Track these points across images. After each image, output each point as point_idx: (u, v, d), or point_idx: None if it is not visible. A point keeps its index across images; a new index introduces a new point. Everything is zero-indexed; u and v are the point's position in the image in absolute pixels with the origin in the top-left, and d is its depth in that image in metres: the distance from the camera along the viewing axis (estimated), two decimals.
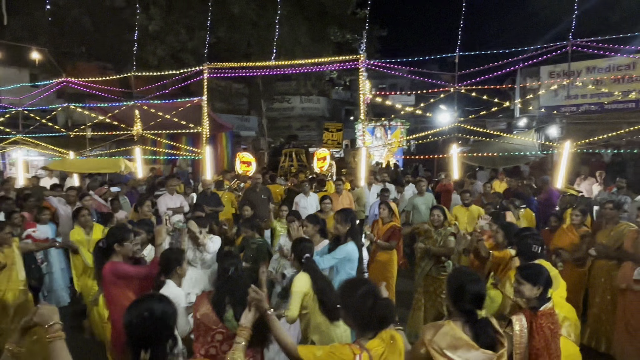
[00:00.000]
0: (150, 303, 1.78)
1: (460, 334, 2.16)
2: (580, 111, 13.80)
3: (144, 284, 3.54)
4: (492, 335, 2.22)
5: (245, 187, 9.38)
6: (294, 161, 15.59)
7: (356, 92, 13.00)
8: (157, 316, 1.72)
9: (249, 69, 11.72)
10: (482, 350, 2.13)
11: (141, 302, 1.80)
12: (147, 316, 1.70)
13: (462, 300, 2.25)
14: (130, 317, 1.72)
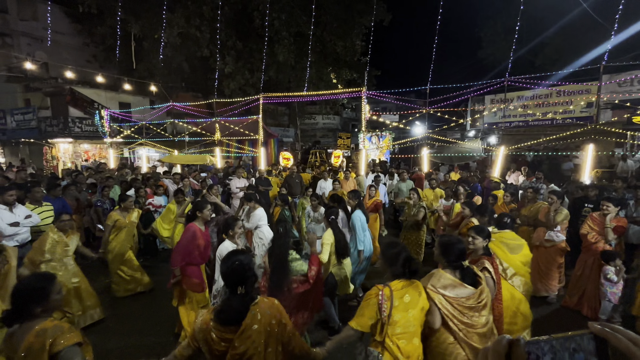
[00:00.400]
0: (238, 256, 1.73)
1: (451, 277, 2.11)
2: (512, 126, 13.34)
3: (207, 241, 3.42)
4: (474, 277, 2.17)
5: (285, 175, 9.45)
6: (318, 158, 15.58)
7: (359, 112, 12.85)
8: (245, 263, 1.70)
9: (289, 97, 11.72)
10: (468, 287, 2.09)
11: (232, 255, 1.75)
12: (238, 264, 1.68)
13: (451, 255, 2.16)
14: (226, 266, 1.69)
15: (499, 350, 0.43)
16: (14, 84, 16.41)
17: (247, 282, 1.67)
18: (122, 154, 14.56)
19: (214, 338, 1.58)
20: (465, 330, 2.02)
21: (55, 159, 15.04)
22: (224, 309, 1.63)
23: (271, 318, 1.64)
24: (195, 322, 1.66)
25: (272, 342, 1.63)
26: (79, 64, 14.92)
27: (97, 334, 3.65)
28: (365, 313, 1.98)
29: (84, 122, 14.74)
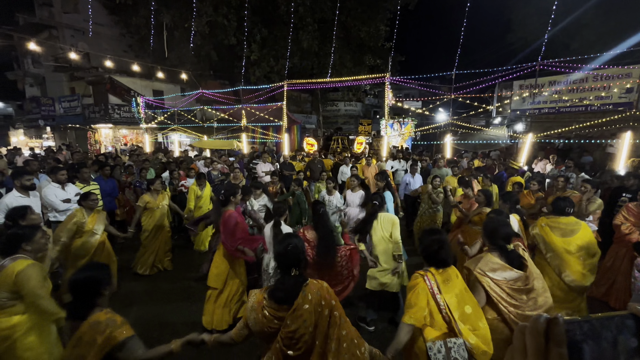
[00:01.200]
0: (293, 239, 1.74)
1: (498, 260, 2.07)
2: (541, 113, 12.51)
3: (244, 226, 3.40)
4: (520, 260, 2.10)
5: (307, 160, 9.46)
6: (339, 144, 15.46)
7: (382, 98, 12.50)
8: (299, 247, 1.72)
9: (312, 84, 11.57)
10: (515, 270, 2.04)
11: (287, 238, 1.76)
12: (293, 248, 1.69)
13: (497, 238, 2.12)
14: (281, 248, 1.71)
15: (537, 328, 0.41)
16: (60, 74, 17.30)
17: (300, 264, 1.68)
18: (156, 139, 15.11)
19: (267, 315, 1.60)
20: (514, 312, 1.98)
21: (98, 143, 15.89)
22: (279, 288, 1.65)
23: (320, 299, 1.64)
24: (248, 302, 1.69)
25: (321, 322, 1.63)
26: (116, 54, 15.42)
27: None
28: (416, 303, 1.83)
29: (122, 109, 15.39)
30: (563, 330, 0.39)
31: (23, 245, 2.15)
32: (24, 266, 2.06)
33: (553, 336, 0.39)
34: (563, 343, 0.39)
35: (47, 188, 4.12)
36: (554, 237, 2.98)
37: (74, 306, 1.59)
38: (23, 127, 19.19)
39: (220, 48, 15.54)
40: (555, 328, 0.39)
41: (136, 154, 9.39)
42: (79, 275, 1.61)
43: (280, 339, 1.60)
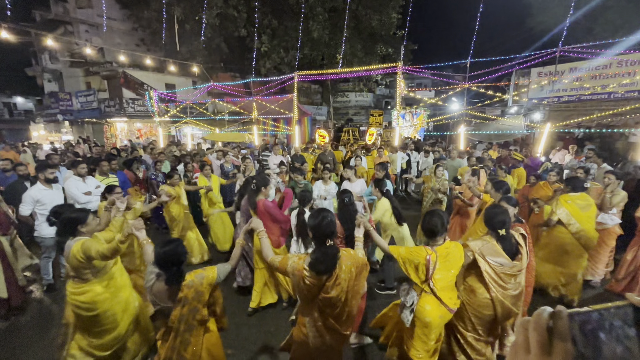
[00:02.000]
0: (326, 212, 1.89)
1: (497, 247, 2.29)
2: (561, 101, 12.04)
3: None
4: (515, 245, 2.35)
5: (318, 152, 9.44)
6: (350, 136, 15.34)
7: (393, 88, 12.28)
8: (332, 220, 1.87)
9: (323, 74, 11.43)
10: (507, 259, 2.27)
11: (321, 212, 1.90)
12: (329, 221, 1.85)
13: (494, 224, 2.32)
14: (315, 221, 1.87)
15: (541, 322, 0.40)
16: (76, 69, 17.67)
17: (333, 235, 1.86)
18: (169, 132, 15.34)
19: (307, 284, 1.81)
20: (501, 292, 2.27)
21: (114, 137, 16.26)
22: (319, 261, 1.80)
23: (351, 267, 1.86)
24: (289, 265, 1.88)
25: (350, 286, 1.86)
26: (129, 48, 15.62)
27: None
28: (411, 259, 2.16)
29: (136, 103, 15.65)
30: (567, 324, 0.38)
31: (79, 227, 2.45)
32: (82, 242, 2.37)
33: (557, 330, 0.39)
34: (567, 337, 0.38)
35: (69, 181, 4.26)
36: (578, 210, 3.47)
37: (171, 274, 1.86)
38: (43, 121, 19.79)
39: (230, 40, 15.50)
40: (559, 322, 0.39)
41: (150, 147, 9.56)
42: (167, 249, 1.85)
43: (320, 301, 1.85)
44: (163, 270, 1.86)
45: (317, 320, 1.90)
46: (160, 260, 1.85)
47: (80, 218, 2.48)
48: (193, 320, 1.87)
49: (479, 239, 2.39)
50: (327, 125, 19.95)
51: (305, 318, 1.94)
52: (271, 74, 14.58)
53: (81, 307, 2.45)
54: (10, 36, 7.48)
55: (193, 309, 1.86)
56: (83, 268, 2.38)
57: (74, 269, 2.40)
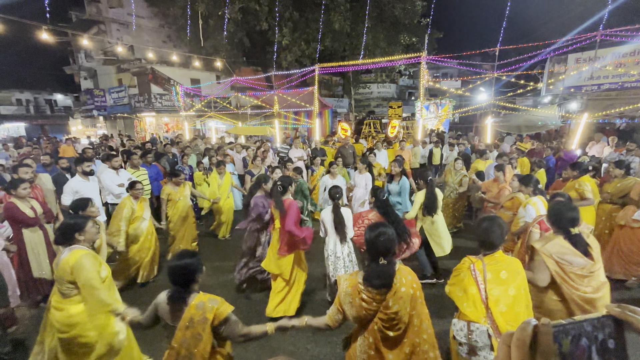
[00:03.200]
0: (385, 228, 1.73)
1: (567, 244, 2.09)
2: (601, 89, 11.18)
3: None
4: (585, 245, 2.11)
5: (338, 145, 9.40)
6: (372, 128, 15.14)
7: (417, 79, 11.93)
8: (391, 237, 1.70)
9: (344, 66, 11.31)
10: (584, 258, 2.05)
11: (379, 227, 1.74)
12: (385, 238, 1.69)
13: (563, 222, 2.13)
14: (371, 235, 1.71)
15: (524, 338, 0.37)
16: (109, 66, 18.62)
17: (389, 253, 1.70)
18: (194, 126, 15.87)
19: (366, 299, 1.66)
20: (576, 293, 2.04)
21: (143, 131, 17.06)
22: (374, 276, 1.67)
23: (412, 282, 1.71)
24: (341, 287, 1.73)
25: (414, 303, 1.70)
26: (156, 45, 16.19)
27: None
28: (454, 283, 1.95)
29: (163, 98, 16.29)
30: (551, 340, 0.36)
31: (76, 235, 2.21)
32: (79, 256, 2.12)
33: (540, 347, 0.36)
34: (551, 354, 0.36)
35: (104, 173, 4.57)
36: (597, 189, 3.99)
37: (177, 292, 1.70)
38: (80, 117, 21.11)
39: (252, 34, 15.64)
40: (542, 337, 0.36)
41: (177, 141, 9.97)
42: (178, 263, 1.69)
43: (380, 321, 1.68)
44: (171, 282, 1.70)
45: (370, 347, 1.71)
46: (170, 272, 1.70)
47: (78, 225, 2.23)
48: (195, 348, 1.65)
49: (542, 238, 2.21)
50: (348, 117, 19.79)
51: (357, 345, 1.77)
52: (292, 67, 14.62)
53: (55, 325, 2.20)
54: (50, 37, 8.00)
55: (196, 336, 1.64)
56: (69, 282, 2.13)
57: (58, 280, 2.17)
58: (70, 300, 2.17)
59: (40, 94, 28.53)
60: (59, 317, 2.18)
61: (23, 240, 3.37)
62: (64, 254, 2.16)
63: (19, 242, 3.37)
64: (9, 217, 3.35)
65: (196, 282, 1.74)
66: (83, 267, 2.10)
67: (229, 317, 1.71)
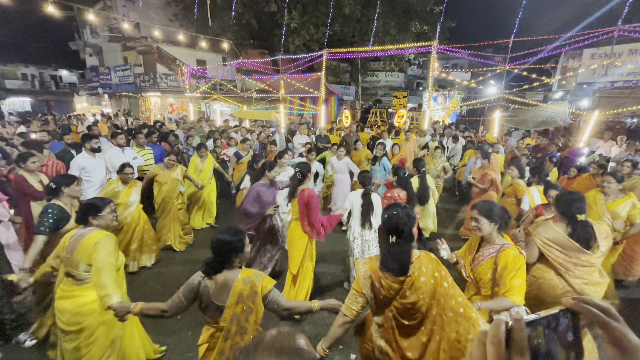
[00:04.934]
0: (396, 208, 1.68)
1: (559, 230, 2.24)
2: (614, 87, 10.93)
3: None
4: (590, 232, 2.18)
5: (342, 133, 9.33)
6: (378, 117, 15.00)
7: (427, 69, 11.71)
8: (400, 216, 1.65)
9: (353, 52, 11.11)
10: (571, 241, 2.19)
11: (391, 207, 1.71)
12: (390, 216, 1.66)
13: (570, 209, 2.23)
14: (384, 215, 1.69)
15: (498, 335, 0.38)
16: (114, 44, 18.37)
17: (400, 233, 1.64)
18: (199, 108, 15.77)
19: (384, 285, 1.63)
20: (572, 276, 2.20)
21: (148, 111, 17.01)
22: (388, 258, 1.64)
23: (434, 271, 1.64)
24: (360, 271, 1.70)
25: (436, 293, 1.63)
26: (162, 23, 15.92)
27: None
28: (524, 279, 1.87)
29: (168, 78, 16.14)
30: (525, 337, 0.37)
31: (90, 219, 2.12)
32: (102, 236, 2.06)
33: (514, 343, 0.37)
34: (525, 350, 0.36)
35: (110, 151, 4.59)
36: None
37: (216, 263, 1.70)
38: (86, 94, 21.02)
39: (260, 16, 15.34)
40: (516, 334, 0.37)
41: (183, 122, 9.93)
42: (223, 238, 1.68)
43: (395, 309, 1.65)
44: (218, 257, 1.69)
45: (387, 333, 1.70)
46: (215, 248, 1.69)
47: (93, 208, 2.13)
48: (246, 321, 1.69)
49: (538, 224, 2.38)
50: (354, 105, 19.56)
51: (372, 332, 1.76)
52: (300, 51, 14.39)
53: (61, 319, 2.07)
54: (55, 10, 7.88)
55: (247, 309, 1.68)
56: (88, 264, 2.03)
57: (72, 264, 2.03)
58: (88, 286, 2.06)
59: (46, 70, 28.34)
60: (68, 306, 2.05)
61: (31, 213, 3.43)
62: (82, 234, 2.05)
63: (28, 215, 3.42)
64: (17, 190, 3.39)
65: (240, 258, 1.74)
66: (105, 247, 2.02)
67: (273, 289, 1.75)
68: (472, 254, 2.09)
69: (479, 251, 2.05)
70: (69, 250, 2.04)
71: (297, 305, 1.80)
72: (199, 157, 5.19)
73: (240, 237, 1.72)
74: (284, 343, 0.71)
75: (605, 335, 0.39)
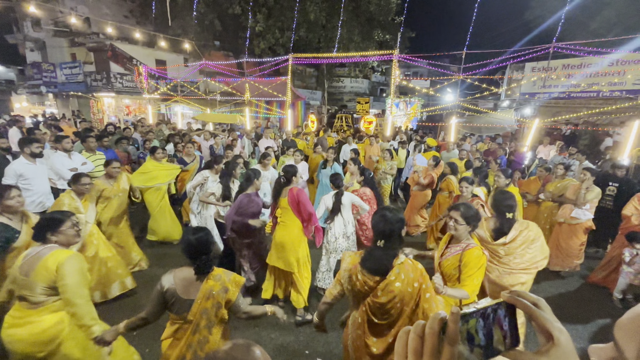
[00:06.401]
0: (385, 211, 1.74)
1: (484, 225, 2.60)
2: (551, 97, 12.22)
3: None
4: (510, 227, 2.50)
5: (308, 138, 9.39)
6: (343, 122, 15.30)
7: (389, 76, 12.19)
8: (388, 219, 1.69)
9: (318, 58, 11.26)
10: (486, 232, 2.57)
11: (382, 210, 1.77)
12: (384, 218, 1.70)
13: (500, 207, 2.56)
14: (374, 217, 1.76)
15: (435, 327, 0.42)
16: (60, 39, 16.86)
17: (386, 237, 1.69)
18: (159, 110, 14.98)
19: (360, 279, 1.71)
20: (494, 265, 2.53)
21: (101, 112, 15.79)
22: (368, 258, 1.73)
23: (413, 281, 1.67)
24: (344, 263, 1.82)
25: (410, 301, 1.68)
26: (117, 20, 14.96)
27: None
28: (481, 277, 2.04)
29: (124, 78, 15.14)
30: (457, 329, 0.40)
31: (48, 235, 1.89)
32: (66, 257, 1.81)
33: (448, 335, 0.40)
34: (456, 341, 0.40)
35: (54, 157, 4.19)
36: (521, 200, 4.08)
37: (205, 262, 1.75)
38: (25, 93, 19.01)
39: (224, 17, 14.99)
40: (450, 326, 0.41)
41: (140, 125, 9.37)
42: (192, 237, 1.73)
43: (367, 306, 1.73)
44: (193, 259, 1.73)
45: (359, 327, 1.80)
46: (191, 247, 1.72)
47: (51, 224, 1.90)
48: (215, 316, 1.75)
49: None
50: (320, 110, 19.79)
51: (350, 324, 1.88)
52: (265, 54, 14.27)
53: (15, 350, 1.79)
54: None
55: (216, 304, 1.74)
56: (47, 287, 1.79)
57: (26, 286, 1.77)
58: (44, 309, 1.80)
59: None
60: (23, 335, 1.77)
61: None
62: (40, 253, 1.81)
63: None
64: None
65: (210, 255, 1.79)
66: (72, 272, 1.78)
67: (239, 293, 1.83)
68: (442, 249, 2.25)
69: (448, 247, 2.21)
70: (24, 272, 1.79)
71: (254, 310, 1.89)
72: (156, 160, 4.62)
73: (208, 231, 1.82)
74: (237, 357, 0.71)
75: (535, 324, 0.45)
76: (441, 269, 2.19)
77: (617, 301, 3.65)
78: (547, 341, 0.43)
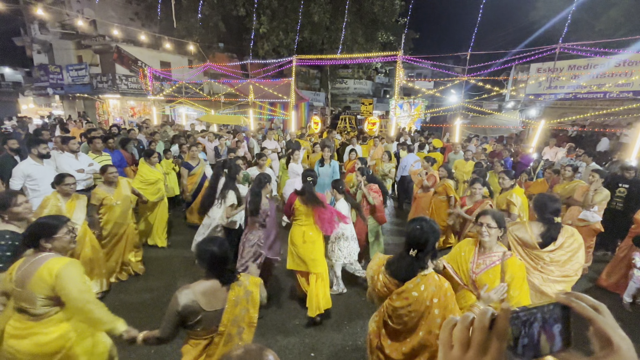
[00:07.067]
0: (422, 222, 1.68)
1: (528, 230, 2.47)
2: (557, 98, 12.11)
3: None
4: (555, 235, 2.38)
5: (313, 139, 9.39)
6: (347, 123, 15.29)
7: (393, 78, 12.17)
8: (424, 230, 1.65)
9: (323, 59, 11.27)
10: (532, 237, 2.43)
11: (416, 221, 1.71)
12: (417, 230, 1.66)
13: (546, 211, 2.42)
14: (409, 226, 1.71)
15: (484, 322, 0.42)
16: (67, 41, 17.05)
17: (421, 248, 1.65)
18: (163, 111, 15.07)
19: (381, 280, 1.77)
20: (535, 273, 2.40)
21: (106, 114, 15.93)
22: (393, 262, 1.75)
23: (434, 296, 1.62)
24: (373, 261, 1.88)
25: (427, 316, 1.64)
26: (122, 22, 15.09)
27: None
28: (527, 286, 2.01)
29: (129, 80, 15.26)
30: (507, 326, 0.41)
31: (41, 242, 1.78)
32: (62, 265, 1.72)
33: (496, 330, 0.41)
34: (504, 337, 0.40)
35: (60, 157, 4.23)
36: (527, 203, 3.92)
37: (232, 272, 1.76)
38: (32, 94, 19.23)
39: (228, 19, 15.08)
40: (500, 322, 0.41)
41: (145, 126, 9.42)
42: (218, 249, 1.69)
43: (386, 308, 1.78)
44: (216, 270, 1.69)
45: (378, 325, 1.84)
46: (216, 259, 1.68)
47: (45, 230, 1.79)
48: (243, 322, 1.74)
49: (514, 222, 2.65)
50: (324, 111, 19.80)
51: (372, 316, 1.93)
52: (269, 56, 14.31)
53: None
54: None
55: (244, 309, 1.74)
56: (47, 298, 1.70)
57: (25, 298, 1.68)
58: (48, 321, 1.72)
59: None
60: (25, 347, 1.69)
61: None
62: (35, 262, 1.71)
63: None
64: None
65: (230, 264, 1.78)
66: (72, 279, 1.70)
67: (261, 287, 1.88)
68: (471, 262, 2.01)
69: (480, 258, 1.98)
70: (19, 283, 1.68)
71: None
72: (150, 165, 4.50)
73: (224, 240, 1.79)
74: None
75: (593, 329, 0.43)
76: (478, 284, 1.95)
77: (627, 305, 3.59)
78: (603, 347, 0.42)
